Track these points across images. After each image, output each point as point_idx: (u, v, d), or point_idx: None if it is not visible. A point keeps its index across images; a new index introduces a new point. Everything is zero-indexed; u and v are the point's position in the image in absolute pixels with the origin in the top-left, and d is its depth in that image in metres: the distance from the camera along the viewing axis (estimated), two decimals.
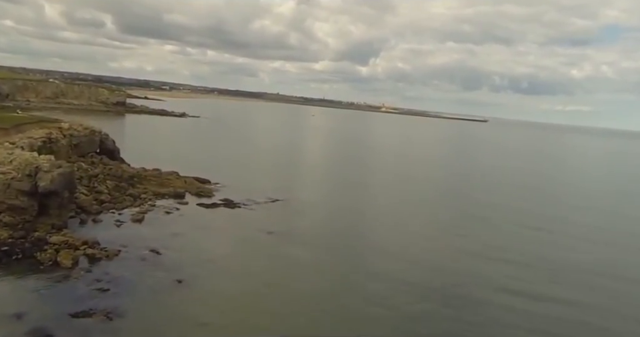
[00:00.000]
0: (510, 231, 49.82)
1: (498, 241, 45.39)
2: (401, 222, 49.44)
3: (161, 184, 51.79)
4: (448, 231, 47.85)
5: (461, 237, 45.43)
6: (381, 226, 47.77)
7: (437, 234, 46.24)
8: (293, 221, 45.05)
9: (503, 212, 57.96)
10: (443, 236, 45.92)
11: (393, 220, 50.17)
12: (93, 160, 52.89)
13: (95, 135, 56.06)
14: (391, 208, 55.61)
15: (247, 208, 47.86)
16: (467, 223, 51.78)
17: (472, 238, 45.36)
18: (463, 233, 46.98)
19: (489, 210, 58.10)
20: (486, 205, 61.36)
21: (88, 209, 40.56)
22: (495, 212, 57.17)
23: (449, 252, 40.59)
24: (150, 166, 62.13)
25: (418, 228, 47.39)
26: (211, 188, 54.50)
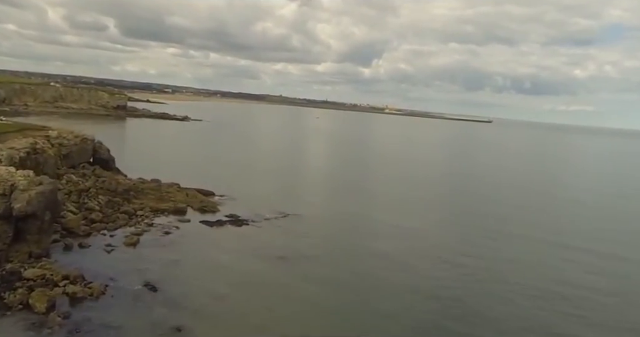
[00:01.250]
0: (531, 245, 44.41)
1: (521, 256, 40.01)
2: (421, 236, 43.95)
3: (160, 198, 46.54)
4: (469, 245, 42.40)
5: (482, 250, 40.05)
6: (404, 244, 42.31)
7: (455, 248, 40.81)
8: (306, 243, 39.60)
9: (523, 222, 52.52)
10: (462, 250, 40.49)
11: (413, 235, 44.67)
12: (84, 172, 47.71)
13: (87, 143, 50.88)
14: (409, 220, 50.09)
15: (255, 225, 42.54)
16: (489, 236, 46.22)
17: (491, 252, 39.95)
18: (485, 246, 41.58)
19: (510, 222, 52.58)
20: (503, 213, 55.92)
21: (75, 231, 35.34)
22: (517, 225, 51.67)
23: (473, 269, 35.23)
24: (149, 176, 57.02)
25: (436, 241, 41.95)
26: (215, 202, 49.24)
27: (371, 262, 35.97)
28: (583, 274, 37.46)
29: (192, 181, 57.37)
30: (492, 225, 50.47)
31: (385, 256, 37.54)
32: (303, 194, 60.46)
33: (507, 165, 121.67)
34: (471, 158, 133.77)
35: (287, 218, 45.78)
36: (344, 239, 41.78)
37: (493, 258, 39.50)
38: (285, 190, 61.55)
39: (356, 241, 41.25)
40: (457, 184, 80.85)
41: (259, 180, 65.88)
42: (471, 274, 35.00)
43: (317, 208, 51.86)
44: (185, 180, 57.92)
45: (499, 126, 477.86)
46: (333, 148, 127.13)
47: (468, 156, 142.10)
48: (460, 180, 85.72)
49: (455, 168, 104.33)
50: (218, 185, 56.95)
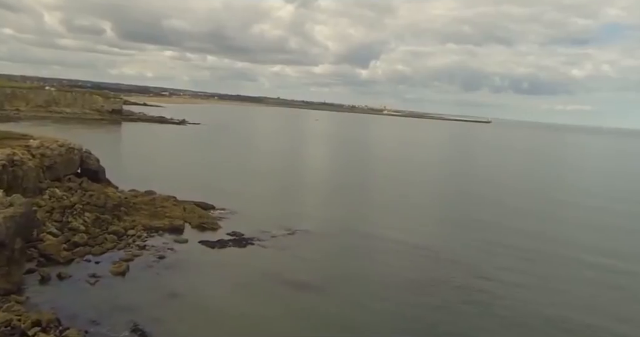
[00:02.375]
0: (553, 258, 39.75)
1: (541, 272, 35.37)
2: (436, 249, 39.21)
3: (154, 214, 41.74)
4: (489, 266, 37.65)
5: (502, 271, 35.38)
6: (427, 262, 37.60)
7: (476, 272, 36.11)
8: (319, 266, 34.89)
9: (535, 230, 47.87)
10: (483, 273, 35.75)
11: (429, 255, 39.89)
12: (70, 185, 42.90)
13: (74, 153, 46.07)
14: (421, 234, 45.31)
15: (261, 245, 37.78)
16: (506, 250, 41.41)
17: (510, 272, 35.29)
18: (504, 264, 36.89)
19: (523, 233, 47.85)
20: (516, 222, 51.23)
21: (54, 257, 30.59)
22: (530, 235, 47.00)
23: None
24: (143, 186, 52.34)
25: (454, 262, 37.24)
26: (215, 217, 44.46)
27: (397, 296, 31.23)
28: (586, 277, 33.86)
29: (190, 192, 52.70)
30: (507, 237, 45.75)
31: (409, 286, 32.82)
32: (309, 204, 55.74)
33: (512, 166, 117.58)
34: (474, 159, 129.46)
35: (295, 236, 40.99)
36: (356, 263, 36.91)
37: (517, 284, 34.78)
38: (290, 200, 56.82)
39: (369, 264, 36.43)
40: (464, 186, 76.33)
41: (262, 189, 61.06)
42: (493, 305, 30.28)
43: (325, 221, 46.97)
44: (182, 190, 53.25)
45: (498, 127, 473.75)
46: (336, 151, 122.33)
47: (471, 157, 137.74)
48: (466, 182, 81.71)
49: (459, 169, 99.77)
50: (218, 196, 52.27)
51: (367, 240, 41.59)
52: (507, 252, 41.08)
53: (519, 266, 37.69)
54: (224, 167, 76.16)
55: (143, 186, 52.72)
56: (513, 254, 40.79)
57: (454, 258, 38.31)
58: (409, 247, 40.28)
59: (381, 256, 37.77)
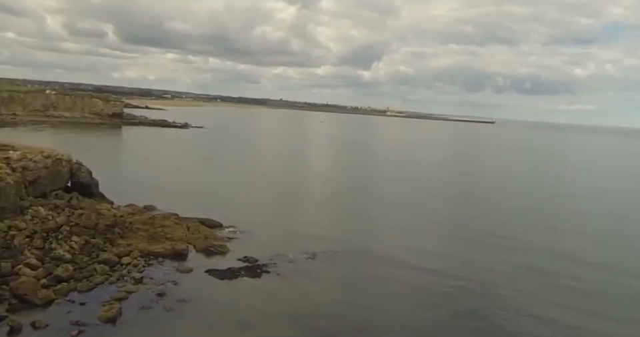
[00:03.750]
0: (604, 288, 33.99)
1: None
2: (463, 275, 33.49)
3: (154, 237, 36.14)
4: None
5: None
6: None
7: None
8: (347, 304, 29.20)
9: (551, 238, 42.09)
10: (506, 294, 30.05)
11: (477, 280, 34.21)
12: (56, 203, 37.33)
13: (62, 165, 40.48)
14: (449, 255, 39.56)
15: (278, 274, 32.12)
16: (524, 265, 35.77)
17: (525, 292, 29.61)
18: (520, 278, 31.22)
19: (539, 238, 42.13)
20: (528, 226, 45.47)
21: (30, 299, 25.06)
22: (546, 240, 41.22)
23: None
24: (142, 200, 47.01)
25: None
26: (223, 237, 38.86)
27: None
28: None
29: (194, 205, 47.38)
30: (539, 259, 39.96)
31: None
32: (327, 217, 49.95)
33: (524, 169, 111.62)
34: (485, 162, 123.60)
35: (315, 261, 35.26)
36: (383, 299, 31.23)
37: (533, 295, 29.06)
38: (305, 213, 51.24)
39: (397, 300, 30.80)
40: (481, 192, 70.83)
41: (273, 201, 55.33)
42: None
43: (345, 239, 40.91)
44: (185, 203, 47.98)
45: (502, 127, 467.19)
46: (347, 155, 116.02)
47: (482, 159, 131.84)
48: (482, 187, 76.39)
49: (472, 172, 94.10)
50: (225, 210, 46.80)
51: (391, 267, 35.46)
52: (545, 280, 35.23)
53: (567, 299, 31.92)
54: (230, 175, 70.50)
55: (142, 200, 47.41)
56: (556, 283, 34.90)
57: (486, 290, 32.49)
58: (437, 276, 34.33)
59: (412, 291, 31.93)
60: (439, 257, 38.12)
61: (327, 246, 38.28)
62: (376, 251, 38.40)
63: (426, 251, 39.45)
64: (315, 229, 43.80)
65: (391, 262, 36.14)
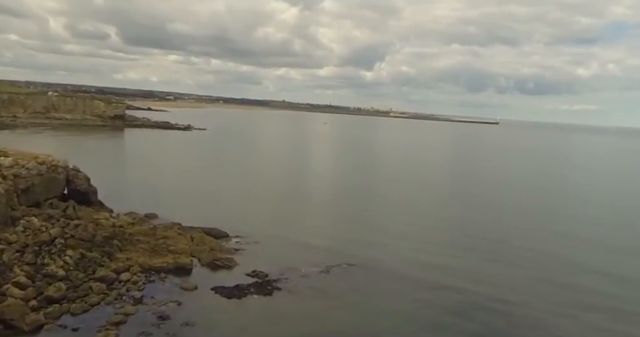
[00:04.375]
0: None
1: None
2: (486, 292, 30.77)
3: (155, 249, 33.51)
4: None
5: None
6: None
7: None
8: (369, 325, 26.53)
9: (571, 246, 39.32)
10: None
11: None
12: (50, 213, 34.71)
13: (57, 172, 37.90)
14: (466, 269, 36.84)
15: (291, 291, 29.44)
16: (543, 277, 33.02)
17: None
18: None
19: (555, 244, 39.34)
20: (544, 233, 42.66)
21: (17, 324, 22.49)
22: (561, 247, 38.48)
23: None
24: (143, 208, 44.58)
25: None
26: (230, 249, 36.25)
27: None
28: None
29: (198, 213, 44.95)
30: (555, 272, 37.26)
31: None
32: (337, 226, 47.06)
33: (530, 169, 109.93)
34: (492, 163, 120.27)
35: (330, 275, 32.63)
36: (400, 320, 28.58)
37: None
38: (315, 222, 48.23)
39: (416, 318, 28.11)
40: (496, 198, 67.74)
41: (282, 209, 52.51)
42: None
43: (360, 252, 38.14)
44: (189, 211, 45.59)
45: (506, 128, 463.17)
46: (356, 158, 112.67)
47: (489, 160, 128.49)
48: (494, 192, 73.43)
49: (483, 175, 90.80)
50: (231, 218, 44.29)
51: (407, 283, 32.63)
52: (558, 293, 32.54)
53: (581, 313, 29.22)
54: (235, 180, 67.71)
55: (143, 207, 44.99)
56: (571, 296, 32.22)
57: (502, 307, 29.76)
58: (451, 292, 31.69)
59: (429, 310, 29.21)
60: (451, 270, 35.18)
61: (340, 258, 35.57)
62: (389, 264, 35.47)
63: (438, 264, 36.38)
64: (327, 239, 41.15)
65: (406, 277, 33.17)
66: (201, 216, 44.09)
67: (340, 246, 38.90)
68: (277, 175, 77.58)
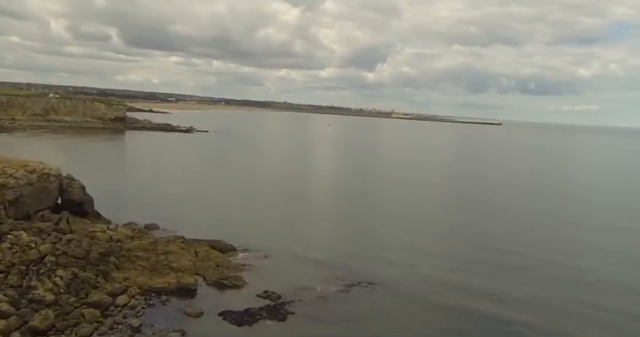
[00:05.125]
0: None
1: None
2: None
3: (156, 267, 30.34)
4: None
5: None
6: None
7: None
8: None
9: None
10: None
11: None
12: (40, 226, 31.60)
13: (50, 181, 34.81)
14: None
15: (307, 316, 26.25)
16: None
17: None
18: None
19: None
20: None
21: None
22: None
23: None
24: (143, 218, 41.63)
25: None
26: (237, 265, 33.11)
27: None
28: None
29: (201, 224, 41.86)
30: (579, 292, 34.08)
31: None
32: (354, 239, 43.16)
33: (540, 171, 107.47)
34: (501, 165, 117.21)
35: (350, 295, 29.46)
36: None
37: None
38: (330, 233, 44.85)
39: None
40: (499, 197, 65.50)
41: (291, 218, 49.14)
42: None
43: (384, 268, 35.05)
44: (192, 221, 42.62)
45: (509, 128, 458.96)
46: (367, 161, 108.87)
47: (498, 162, 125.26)
48: (500, 192, 71.92)
49: (492, 177, 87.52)
50: (237, 229, 41.25)
51: (427, 302, 29.73)
52: (573, 309, 29.32)
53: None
54: (240, 186, 64.45)
55: (143, 217, 42.02)
56: (591, 315, 29.01)
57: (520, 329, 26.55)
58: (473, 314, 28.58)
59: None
60: (473, 290, 31.68)
61: (359, 276, 32.36)
62: (410, 283, 31.97)
63: (460, 284, 32.78)
64: (342, 253, 37.79)
65: (430, 299, 29.81)
66: (205, 225, 41.09)
67: (357, 262, 35.60)
68: (284, 180, 74.30)
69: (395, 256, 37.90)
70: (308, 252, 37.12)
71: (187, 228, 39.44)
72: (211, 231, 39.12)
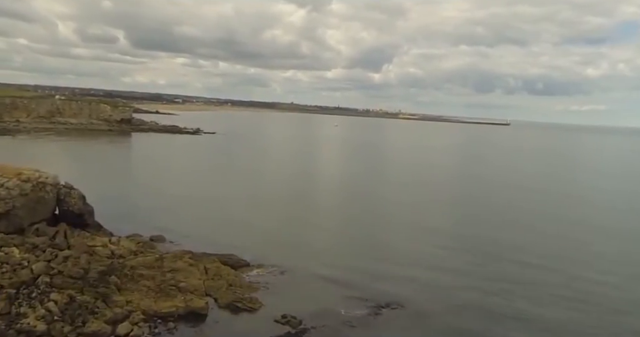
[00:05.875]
0: None
1: None
2: None
3: (162, 288, 27.22)
4: None
5: None
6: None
7: None
8: None
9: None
10: None
11: None
12: (35, 242, 28.60)
13: (46, 191, 31.81)
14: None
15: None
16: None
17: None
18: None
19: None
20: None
21: None
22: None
23: None
24: (148, 229, 38.69)
25: None
26: (252, 284, 29.96)
27: None
28: None
29: (211, 235, 38.93)
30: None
31: None
32: (376, 253, 39.22)
33: (561, 173, 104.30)
34: (513, 166, 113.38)
35: (379, 321, 26.23)
36: None
37: None
38: (349, 246, 41.05)
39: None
40: (510, 201, 61.38)
41: (308, 228, 45.54)
42: None
43: (412, 289, 31.60)
44: (201, 232, 39.61)
45: (518, 129, 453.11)
46: (380, 164, 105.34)
47: (509, 163, 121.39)
48: (513, 195, 68.13)
49: (505, 179, 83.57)
50: (250, 241, 38.24)
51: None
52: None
53: None
54: (252, 191, 61.11)
55: (148, 227, 39.10)
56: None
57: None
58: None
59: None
60: (499, 312, 28.75)
61: (385, 297, 29.08)
62: (439, 306, 28.82)
63: (490, 307, 30.05)
64: (362, 268, 34.30)
65: (463, 327, 26.79)
66: (214, 236, 38.22)
67: (379, 280, 32.19)
68: (295, 184, 70.87)
69: (417, 274, 34.14)
70: (326, 268, 33.83)
71: (195, 240, 36.55)
72: (221, 242, 36.19)
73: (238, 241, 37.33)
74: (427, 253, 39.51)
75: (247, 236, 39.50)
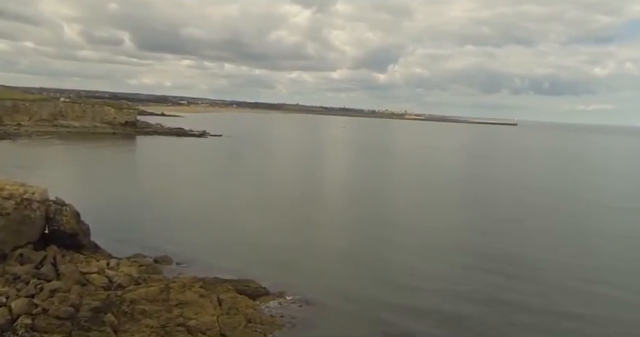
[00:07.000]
0: None
1: None
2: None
3: (167, 328, 22.66)
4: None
5: None
6: None
7: None
8: None
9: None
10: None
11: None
12: (17, 272, 24.06)
13: (32, 209, 27.25)
14: None
15: None
16: None
17: None
18: None
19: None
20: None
21: None
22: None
23: None
24: (152, 249, 34.28)
25: None
26: (273, 317, 25.32)
27: None
28: None
29: (222, 255, 34.33)
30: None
31: None
32: (401, 275, 34.64)
33: (572, 174, 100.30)
34: (525, 167, 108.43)
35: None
36: None
37: None
38: (374, 266, 36.44)
39: None
40: (523, 204, 56.76)
41: (330, 243, 40.68)
42: None
43: (460, 322, 27.27)
44: (211, 251, 35.25)
45: (525, 129, 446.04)
46: (394, 168, 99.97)
47: (520, 164, 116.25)
48: (525, 197, 64.95)
49: (516, 181, 79.08)
50: (267, 262, 33.67)
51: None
52: None
53: None
54: (263, 201, 55.90)
55: (152, 246, 34.71)
56: None
57: None
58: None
59: None
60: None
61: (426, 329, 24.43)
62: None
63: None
64: (391, 298, 29.28)
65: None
66: (226, 256, 33.75)
67: (415, 314, 27.41)
68: (309, 191, 65.64)
69: (446, 307, 29.47)
70: (360, 294, 29.07)
71: (205, 261, 32.12)
72: (235, 262, 31.78)
73: (252, 260, 32.83)
74: (451, 277, 34.41)
75: (263, 254, 34.87)
